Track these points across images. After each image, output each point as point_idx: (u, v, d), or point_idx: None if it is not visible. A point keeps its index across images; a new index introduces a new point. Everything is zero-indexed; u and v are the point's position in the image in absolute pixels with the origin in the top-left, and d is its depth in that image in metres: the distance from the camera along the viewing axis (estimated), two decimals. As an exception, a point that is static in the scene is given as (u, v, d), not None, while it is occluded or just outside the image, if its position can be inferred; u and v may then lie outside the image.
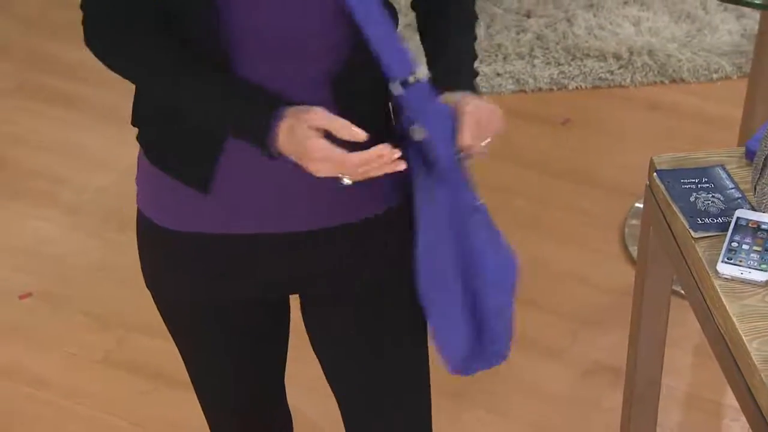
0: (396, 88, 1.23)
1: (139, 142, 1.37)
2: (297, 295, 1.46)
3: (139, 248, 1.43)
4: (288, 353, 1.56)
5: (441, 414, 2.16)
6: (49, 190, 2.62)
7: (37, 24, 3.14)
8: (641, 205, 2.48)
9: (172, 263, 1.40)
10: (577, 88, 2.87)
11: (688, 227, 1.45)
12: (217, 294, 1.41)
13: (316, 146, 1.21)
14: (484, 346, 1.35)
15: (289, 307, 1.50)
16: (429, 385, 1.53)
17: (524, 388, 2.21)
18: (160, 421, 2.14)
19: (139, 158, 1.39)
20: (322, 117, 1.22)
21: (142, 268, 1.44)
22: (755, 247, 1.40)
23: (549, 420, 2.15)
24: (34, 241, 2.50)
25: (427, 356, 1.50)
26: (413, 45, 1.32)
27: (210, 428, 1.57)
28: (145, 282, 1.45)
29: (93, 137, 2.75)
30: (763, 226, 1.43)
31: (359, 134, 1.21)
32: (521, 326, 2.32)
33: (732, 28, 2.96)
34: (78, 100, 2.87)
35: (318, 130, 1.22)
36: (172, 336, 1.49)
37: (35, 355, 2.27)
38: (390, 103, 1.32)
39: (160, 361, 2.18)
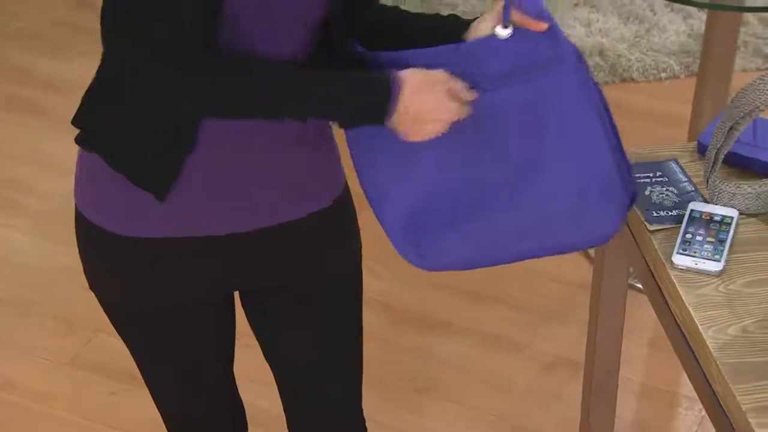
0: None
1: (90, 148, 1.31)
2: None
3: (81, 253, 1.38)
4: (245, 351, 1.53)
5: (410, 407, 2.15)
6: (18, 199, 2.58)
7: (7, 35, 3.10)
8: (596, 201, 2.49)
9: (119, 268, 1.35)
10: (531, 89, 2.85)
11: (644, 220, 1.43)
12: (163, 297, 1.37)
13: (450, 106, 1.21)
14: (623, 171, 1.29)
15: (234, 303, 1.47)
16: (361, 380, 1.52)
17: (489, 381, 2.20)
18: (131, 421, 2.10)
19: (82, 164, 1.33)
20: (448, 78, 1.22)
21: (84, 272, 1.39)
22: (708, 238, 1.39)
23: (514, 410, 2.13)
24: (4, 249, 2.46)
25: (362, 351, 1.49)
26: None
27: (166, 427, 1.54)
28: (89, 284, 1.40)
29: (60, 145, 2.71)
30: (716, 218, 1.42)
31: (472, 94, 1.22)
32: (486, 323, 2.32)
33: (679, 29, 2.96)
34: (45, 109, 2.83)
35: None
36: (119, 334, 1.45)
37: (5, 360, 2.22)
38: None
39: (129, 361, 2.12)
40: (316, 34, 1.28)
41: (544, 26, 1.22)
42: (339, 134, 1.36)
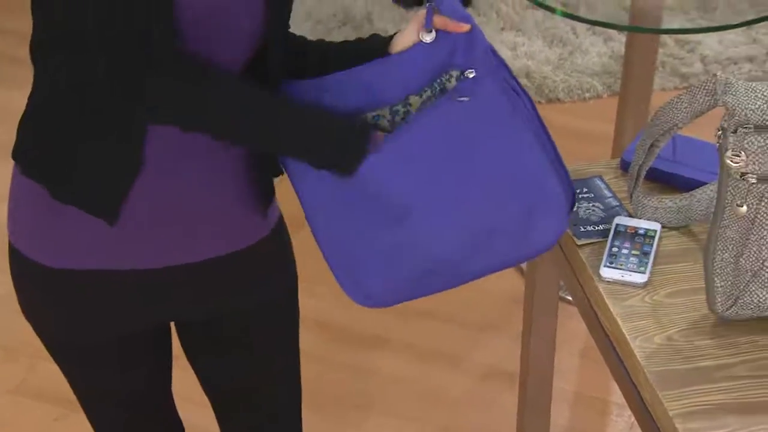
0: (429, 3, 1.22)
1: (35, 178, 1.26)
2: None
3: (14, 283, 1.34)
4: (184, 372, 1.52)
5: (350, 424, 2.14)
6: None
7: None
8: (526, 217, 2.51)
9: (51, 300, 1.32)
10: (461, 110, 2.88)
11: (572, 235, 1.45)
12: (96, 329, 1.35)
13: None
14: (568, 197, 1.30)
15: (170, 330, 1.45)
16: (301, 402, 1.51)
17: (427, 395, 2.20)
18: (74, 446, 2.07)
19: (15, 195, 1.29)
20: None
21: (18, 302, 1.36)
22: (634, 251, 1.42)
23: (452, 422, 2.14)
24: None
25: (300, 373, 1.49)
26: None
27: None
28: (24, 314, 1.37)
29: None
30: (640, 232, 1.44)
31: None
32: (418, 335, 2.33)
33: (600, 51, 3.01)
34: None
35: None
36: (55, 361, 1.42)
37: (-54, 389, 2.17)
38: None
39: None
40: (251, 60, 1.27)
41: (466, 27, 1.23)
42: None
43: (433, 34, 1.23)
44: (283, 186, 1.37)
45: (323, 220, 1.29)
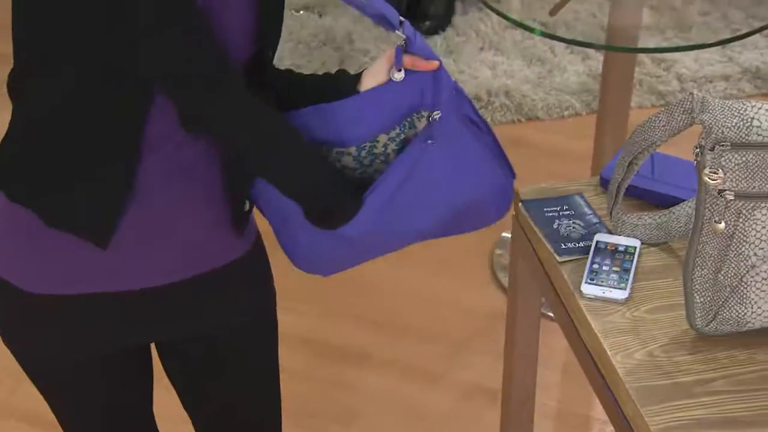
0: (400, 36, 1.22)
1: (19, 203, 1.24)
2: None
3: None
4: (165, 391, 1.51)
5: (331, 442, 2.14)
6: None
7: None
8: (507, 235, 2.52)
9: (33, 325, 1.31)
10: (442, 128, 2.88)
11: (553, 252, 1.46)
12: (75, 351, 1.34)
13: None
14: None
15: (150, 350, 1.45)
16: (281, 418, 1.51)
17: (408, 412, 2.20)
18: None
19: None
20: None
21: None
22: (614, 268, 1.42)
23: (433, 440, 2.14)
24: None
25: (279, 389, 1.49)
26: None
27: None
28: (2, 339, 1.35)
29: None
30: (620, 248, 1.44)
31: None
32: (400, 352, 2.33)
33: (579, 69, 3.03)
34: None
35: None
36: (35, 386, 1.41)
37: (-72, 411, 2.15)
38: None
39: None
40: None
41: (434, 64, 1.23)
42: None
43: (403, 72, 1.24)
44: (265, 205, 1.37)
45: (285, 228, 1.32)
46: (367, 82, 1.26)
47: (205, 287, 1.33)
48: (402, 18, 1.22)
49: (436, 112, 1.24)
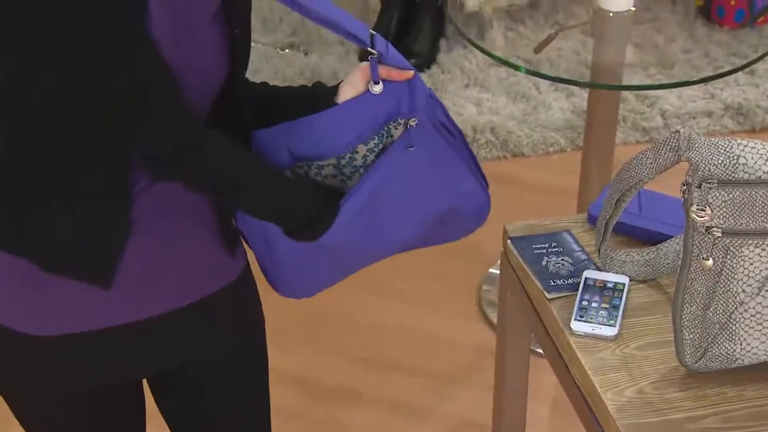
0: (371, 52, 1.24)
1: (11, 252, 1.23)
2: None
3: None
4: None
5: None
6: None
7: None
8: (495, 271, 2.51)
9: (25, 363, 1.29)
10: (428, 165, 2.89)
11: (542, 289, 1.45)
12: (73, 389, 1.33)
13: None
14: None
15: (142, 386, 1.43)
16: None
17: (397, 449, 2.18)
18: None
19: None
20: None
21: None
22: (603, 305, 1.42)
23: (422, 477, 2.12)
24: None
25: (270, 420, 1.48)
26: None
27: None
28: None
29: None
30: (609, 285, 1.44)
31: None
32: (388, 388, 2.31)
33: (563, 106, 3.04)
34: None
35: None
36: (24, 427, 1.39)
37: None
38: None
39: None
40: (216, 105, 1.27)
41: (409, 73, 1.25)
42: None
43: (381, 85, 1.25)
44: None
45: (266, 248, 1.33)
46: (345, 93, 1.27)
47: (200, 314, 1.33)
48: (372, 32, 1.24)
49: (412, 119, 1.26)
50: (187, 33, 1.17)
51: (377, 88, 1.25)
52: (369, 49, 1.23)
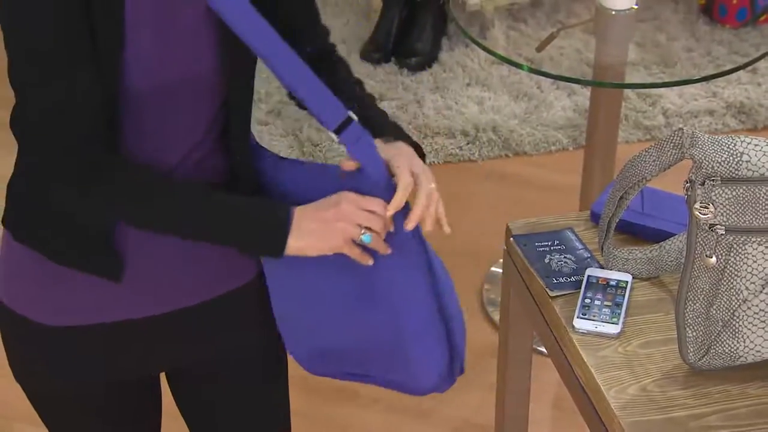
0: (334, 136, 1.20)
1: (30, 245, 1.26)
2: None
3: (6, 344, 1.33)
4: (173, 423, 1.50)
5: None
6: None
7: None
8: (496, 270, 2.52)
9: (50, 357, 1.31)
10: (430, 164, 2.89)
11: (545, 287, 1.45)
12: (92, 382, 1.34)
13: (348, 198, 1.18)
14: (454, 365, 1.33)
15: (159, 381, 1.44)
16: None
17: (399, 449, 2.18)
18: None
19: (6, 258, 1.29)
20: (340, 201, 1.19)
21: (9, 362, 1.34)
22: (606, 303, 1.42)
23: (424, 477, 2.12)
24: None
25: (289, 410, 1.49)
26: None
27: None
28: (14, 375, 1.35)
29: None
30: (612, 283, 1.44)
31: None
32: (391, 391, 2.31)
33: (565, 105, 3.04)
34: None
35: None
36: (47, 426, 1.40)
37: None
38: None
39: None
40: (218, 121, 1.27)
41: (352, 165, 1.21)
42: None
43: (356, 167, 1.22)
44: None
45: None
46: (385, 152, 1.22)
47: (218, 311, 1.34)
48: (352, 116, 1.20)
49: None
50: (170, 33, 1.17)
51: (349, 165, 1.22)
52: (332, 134, 1.19)
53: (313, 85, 1.19)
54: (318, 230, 1.19)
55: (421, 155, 1.26)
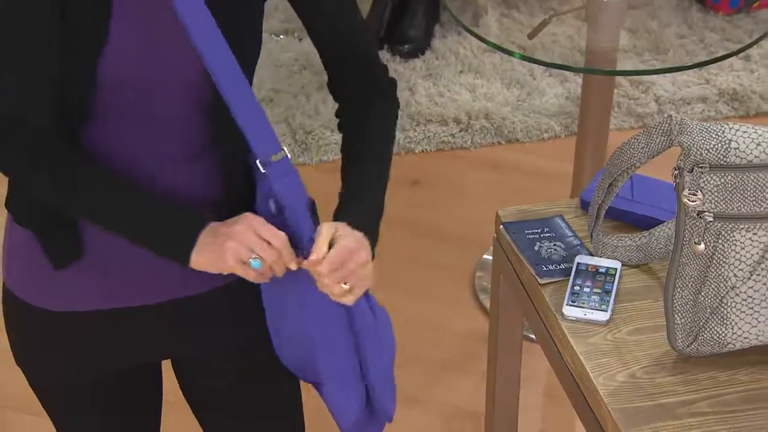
0: (261, 166, 1.20)
1: (25, 225, 1.28)
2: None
3: (7, 327, 1.35)
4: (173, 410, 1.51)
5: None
6: None
7: None
8: (488, 257, 2.52)
9: (43, 342, 1.32)
10: (423, 151, 2.89)
11: (534, 274, 1.45)
12: (91, 369, 1.34)
13: (247, 219, 1.18)
14: (374, 409, 1.33)
15: (161, 371, 1.44)
16: None
17: (391, 436, 2.18)
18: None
19: (8, 241, 1.31)
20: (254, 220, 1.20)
21: (11, 346, 1.36)
22: (595, 290, 1.42)
23: (416, 464, 2.12)
24: None
25: (301, 411, 1.48)
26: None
27: None
28: (15, 360, 1.37)
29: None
30: (601, 270, 1.45)
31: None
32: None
33: (557, 92, 3.04)
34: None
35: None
36: (46, 411, 1.41)
37: None
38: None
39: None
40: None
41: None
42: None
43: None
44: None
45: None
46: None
47: (220, 302, 1.34)
48: (285, 154, 1.21)
49: None
50: (156, 29, 1.17)
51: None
52: (258, 164, 1.20)
53: (254, 113, 1.19)
54: (211, 247, 1.20)
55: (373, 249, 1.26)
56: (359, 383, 1.32)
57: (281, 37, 3.19)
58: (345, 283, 1.21)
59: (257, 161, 1.20)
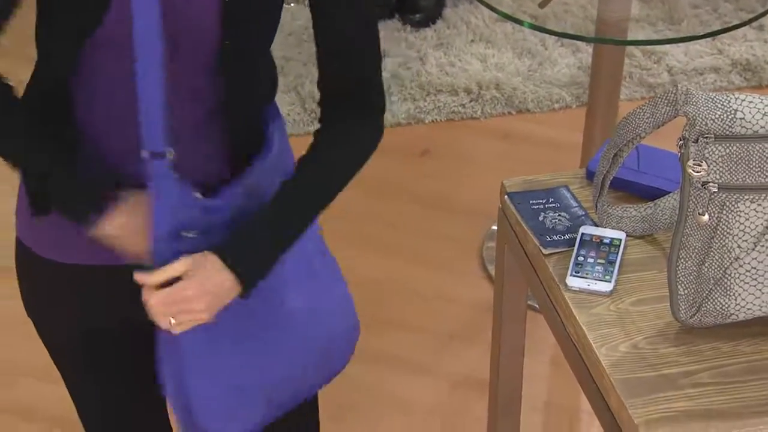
0: (144, 154, 1.19)
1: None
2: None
3: (18, 277, 1.37)
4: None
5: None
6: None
7: None
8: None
9: (52, 292, 1.34)
10: (432, 121, 2.88)
11: (538, 244, 1.45)
12: (96, 323, 1.36)
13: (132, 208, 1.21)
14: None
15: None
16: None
17: (398, 405, 2.20)
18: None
19: (21, 189, 1.33)
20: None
21: (22, 297, 1.38)
22: (599, 260, 1.42)
23: (423, 431, 2.14)
24: None
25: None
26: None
27: None
28: (26, 310, 1.38)
29: None
30: (605, 241, 1.44)
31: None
32: (390, 345, 2.32)
33: (569, 62, 3.02)
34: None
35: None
36: (57, 366, 1.42)
37: None
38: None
39: (53, 405, 2.09)
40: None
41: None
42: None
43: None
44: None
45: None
46: None
47: None
48: (170, 153, 1.19)
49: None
50: None
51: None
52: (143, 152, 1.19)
53: (157, 103, 1.17)
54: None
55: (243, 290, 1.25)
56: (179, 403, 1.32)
57: (291, 5, 3.18)
58: (172, 318, 1.22)
59: (143, 151, 1.19)
